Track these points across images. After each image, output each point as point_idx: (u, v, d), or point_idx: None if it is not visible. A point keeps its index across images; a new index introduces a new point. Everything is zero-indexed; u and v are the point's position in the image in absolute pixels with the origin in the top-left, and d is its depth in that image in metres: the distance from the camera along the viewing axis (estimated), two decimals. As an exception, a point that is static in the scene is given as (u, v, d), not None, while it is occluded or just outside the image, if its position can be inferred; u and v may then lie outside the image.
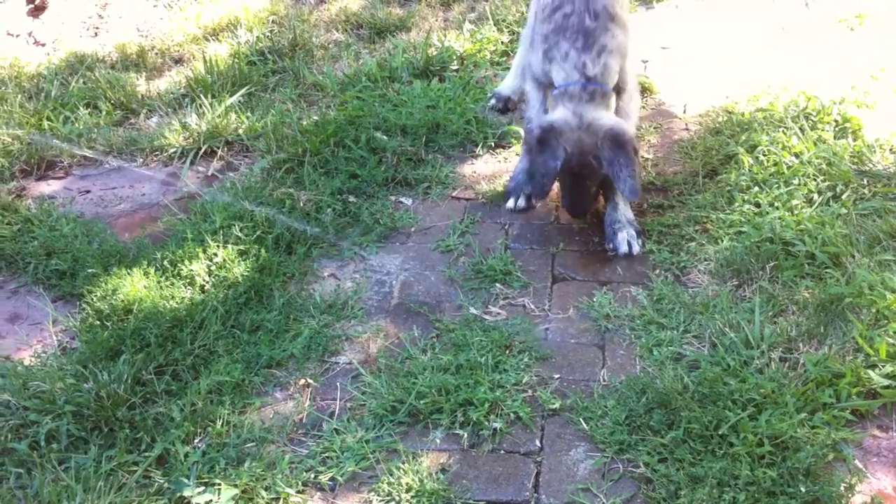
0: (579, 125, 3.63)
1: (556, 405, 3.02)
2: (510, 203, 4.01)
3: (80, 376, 3.10)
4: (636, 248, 3.76)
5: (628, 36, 3.78)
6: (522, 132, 4.30)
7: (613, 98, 3.72)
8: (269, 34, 5.45)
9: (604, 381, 3.13)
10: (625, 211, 3.85)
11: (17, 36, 5.56)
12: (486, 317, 3.44)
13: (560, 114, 3.67)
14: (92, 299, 3.49)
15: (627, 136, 3.63)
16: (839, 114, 4.23)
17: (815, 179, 3.82)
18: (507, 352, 3.25)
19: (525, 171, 3.97)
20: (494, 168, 4.33)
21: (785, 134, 4.07)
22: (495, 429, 2.92)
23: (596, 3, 3.68)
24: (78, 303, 3.55)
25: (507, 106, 4.75)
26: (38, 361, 3.26)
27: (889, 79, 4.53)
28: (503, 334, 3.30)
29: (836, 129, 4.16)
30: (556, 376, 3.16)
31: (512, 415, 2.98)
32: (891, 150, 4.02)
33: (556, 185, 3.84)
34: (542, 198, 3.88)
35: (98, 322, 3.39)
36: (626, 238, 3.77)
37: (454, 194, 4.17)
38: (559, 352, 3.27)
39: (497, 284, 3.60)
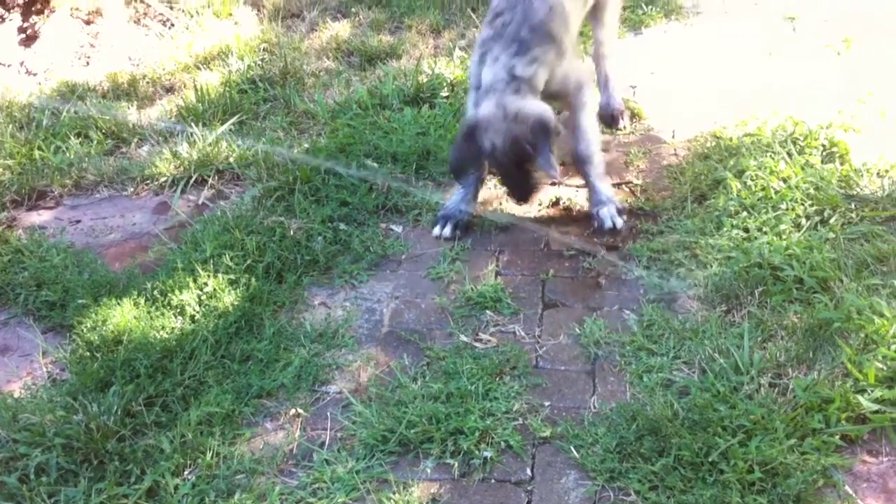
0: (505, 116, 3.70)
1: (547, 433, 3.02)
2: (436, 230, 4.07)
3: (70, 408, 3.09)
4: (619, 223, 3.94)
5: (565, 60, 3.88)
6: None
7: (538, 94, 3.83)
8: (260, 62, 5.47)
9: (594, 408, 3.13)
10: (604, 189, 4.01)
11: (9, 66, 5.58)
12: (477, 344, 3.44)
13: (485, 109, 3.76)
14: (82, 330, 3.49)
15: (552, 123, 3.76)
16: (826, 138, 4.25)
17: (802, 204, 3.84)
18: (498, 379, 3.25)
19: (457, 201, 4.13)
20: (485, 194, 4.34)
21: (773, 159, 4.10)
22: (486, 458, 2.92)
23: (534, 18, 3.77)
24: (68, 334, 3.54)
25: None
26: (28, 393, 3.25)
27: (876, 103, 4.56)
28: (494, 362, 3.30)
29: (824, 153, 4.18)
30: (547, 403, 3.16)
31: (503, 443, 2.97)
32: (878, 174, 4.04)
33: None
34: (458, 181, 4.12)
35: (88, 353, 3.38)
36: (609, 214, 3.95)
37: (445, 221, 4.17)
38: (550, 379, 3.27)
39: (487, 311, 3.61)
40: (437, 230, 4.06)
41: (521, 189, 3.93)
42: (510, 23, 3.78)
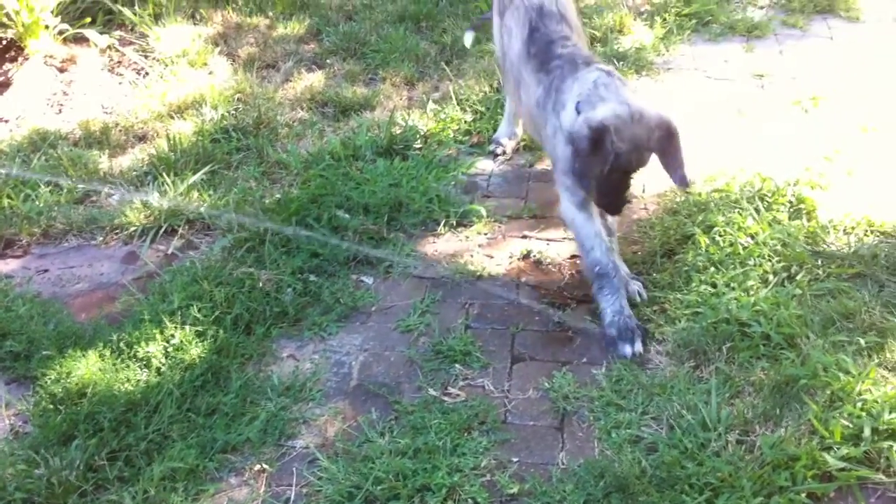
0: (632, 117, 3.50)
1: (515, 489, 3.00)
2: (627, 350, 3.61)
3: (32, 462, 3.06)
4: (646, 296, 3.87)
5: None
6: (483, 210, 4.40)
7: None
8: (233, 112, 5.48)
9: (562, 464, 3.12)
10: (622, 266, 3.90)
11: (-20, 113, 5.57)
12: (446, 398, 3.43)
13: (606, 109, 3.52)
14: (46, 382, 3.45)
15: (676, 127, 3.59)
16: (794, 195, 4.30)
17: (770, 260, 3.87)
18: (466, 434, 3.24)
19: (618, 312, 3.68)
20: (456, 247, 4.35)
21: (741, 215, 4.13)
22: (452, 515, 2.90)
23: (580, 56, 3.90)
24: (32, 385, 3.50)
25: (505, 150, 5.07)
26: (-10, 446, 3.21)
27: (843, 160, 4.62)
28: (462, 416, 3.29)
29: (791, 209, 4.23)
30: (515, 459, 3.15)
31: (470, 500, 2.96)
32: (844, 230, 4.09)
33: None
34: (588, 194, 3.72)
35: (51, 406, 3.34)
36: (636, 290, 3.87)
37: (416, 273, 4.18)
38: (518, 434, 3.26)
39: (457, 365, 3.60)
40: (628, 350, 3.61)
41: (622, 199, 3.69)
42: (566, 64, 3.84)
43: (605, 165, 3.48)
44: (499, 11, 4.48)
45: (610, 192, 3.64)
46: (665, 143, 3.56)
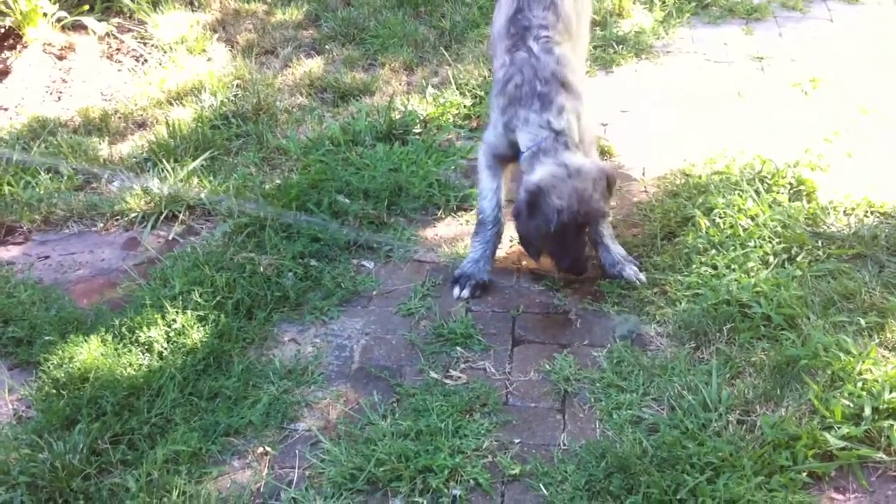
0: (569, 174, 3.63)
1: (517, 470, 3.01)
2: (455, 291, 3.93)
3: (36, 446, 3.06)
4: (643, 279, 3.87)
5: (581, 102, 3.86)
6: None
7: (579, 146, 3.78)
8: (233, 98, 5.47)
9: (564, 445, 3.13)
10: (618, 249, 3.96)
11: (-20, 101, 5.56)
12: (447, 381, 3.44)
13: (543, 171, 3.67)
14: (48, 367, 3.46)
15: (614, 176, 3.79)
16: (794, 176, 4.30)
17: (770, 242, 3.88)
18: (468, 416, 3.25)
19: (475, 260, 3.96)
20: (456, 231, 4.36)
21: (741, 196, 4.14)
22: (455, 496, 2.91)
23: (545, 70, 3.79)
24: (34, 371, 3.51)
25: None
26: (-7, 431, 3.22)
27: (842, 142, 4.63)
28: (464, 399, 3.30)
29: (791, 191, 4.23)
30: (517, 441, 3.16)
31: (472, 481, 2.97)
32: (844, 212, 4.10)
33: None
34: (532, 256, 3.89)
35: (54, 390, 3.35)
36: (633, 274, 3.88)
37: (416, 257, 4.18)
38: (520, 416, 3.27)
39: (458, 348, 3.61)
40: (456, 291, 3.92)
41: (582, 257, 3.74)
42: (523, 83, 3.79)
43: (549, 225, 3.61)
44: None
45: (566, 251, 3.73)
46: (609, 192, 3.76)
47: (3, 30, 6.04)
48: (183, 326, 3.61)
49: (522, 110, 3.77)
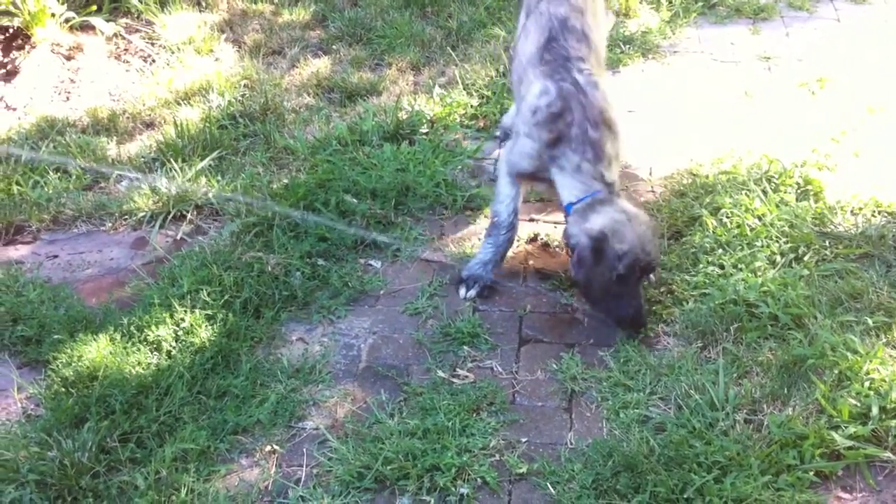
0: (629, 219, 3.58)
1: (524, 469, 3.02)
2: (462, 292, 3.93)
3: (45, 444, 3.08)
4: (652, 278, 3.85)
5: (621, 141, 3.84)
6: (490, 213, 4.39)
7: None
8: (240, 98, 5.49)
9: (571, 444, 3.14)
10: None
11: (-11, 101, 5.58)
12: (454, 380, 3.45)
13: (604, 217, 3.58)
14: (57, 366, 3.47)
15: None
16: (801, 176, 4.30)
17: (777, 241, 3.88)
18: (475, 415, 3.25)
19: (485, 262, 3.94)
20: (464, 230, 4.36)
21: (748, 196, 4.14)
22: (462, 494, 2.92)
23: (593, 109, 3.73)
24: (43, 369, 3.52)
25: (508, 135, 4.87)
26: (3, 429, 3.23)
27: (849, 141, 4.63)
28: (471, 397, 3.31)
29: (798, 191, 4.23)
30: (524, 440, 3.16)
31: (479, 479, 2.98)
32: (852, 211, 4.09)
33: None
34: (595, 308, 3.76)
35: (63, 389, 3.36)
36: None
37: (423, 257, 4.19)
38: (527, 415, 3.28)
39: (465, 347, 3.61)
40: (462, 291, 3.93)
41: (640, 307, 3.61)
42: (573, 123, 3.71)
43: (612, 272, 3.51)
44: (526, 12, 4.43)
45: (627, 301, 3.59)
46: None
47: (11, 30, 6.06)
48: (191, 325, 3.62)
49: (573, 155, 3.69)
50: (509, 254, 4.11)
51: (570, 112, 3.72)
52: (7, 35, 6.07)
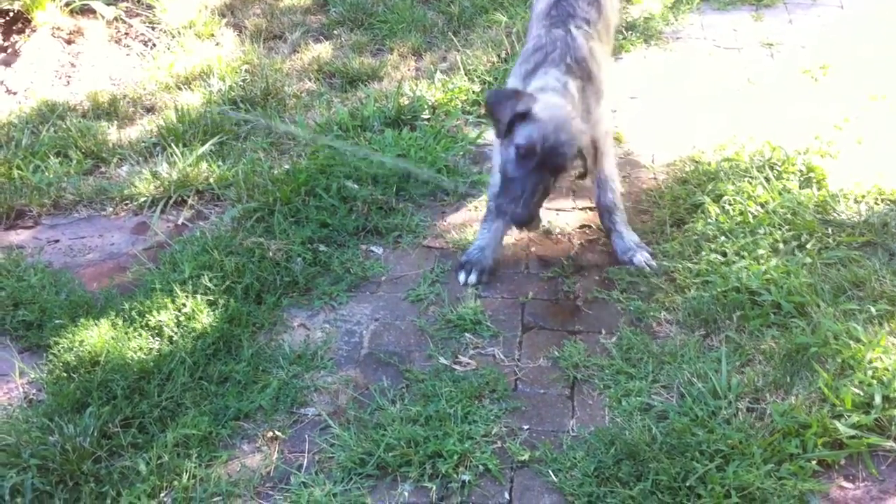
0: (567, 117, 3.57)
1: (526, 456, 3.02)
2: (461, 277, 3.92)
3: (46, 429, 3.08)
4: (655, 265, 3.87)
5: (601, 98, 3.89)
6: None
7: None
8: (241, 83, 5.47)
9: (573, 431, 3.14)
10: (631, 236, 3.97)
11: (-11, 84, 5.56)
12: (456, 367, 3.44)
13: (551, 98, 3.63)
14: (59, 351, 3.47)
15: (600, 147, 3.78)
16: (804, 164, 4.29)
17: (780, 229, 3.87)
18: (477, 402, 3.25)
19: (482, 247, 3.95)
20: (465, 216, 4.35)
21: (750, 183, 4.13)
22: (464, 481, 2.92)
23: (578, 52, 3.82)
24: (45, 354, 3.52)
25: None
26: (4, 414, 3.23)
27: (852, 129, 4.62)
28: (473, 385, 3.31)
29: (801, 178, 4.22)
30: (526, 427, 3.16)
31: (481, 466, 2.98)
32: (854, 199, 4.08)
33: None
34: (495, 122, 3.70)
35: (65, 374, 3.36)
36: (643, 260, 3.89)
37: (425, 243, 4.18)
38: (529, 402, 3.28)
39: (467, 334, 3.61)
40: (462, 277, 3.92)
41: (530, 208, 3.51)
42: (554, 51, 3.80)
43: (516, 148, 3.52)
44: None
45: (518, 184, 3.54)
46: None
47: (11, 14, 6.04)
48: (192, 311, 3.61)
49: (547, 67, 3.77)
50: (511, 241, 4.11)
51: (554, 47, 3.83)
52: (7, 18, 6.04)
